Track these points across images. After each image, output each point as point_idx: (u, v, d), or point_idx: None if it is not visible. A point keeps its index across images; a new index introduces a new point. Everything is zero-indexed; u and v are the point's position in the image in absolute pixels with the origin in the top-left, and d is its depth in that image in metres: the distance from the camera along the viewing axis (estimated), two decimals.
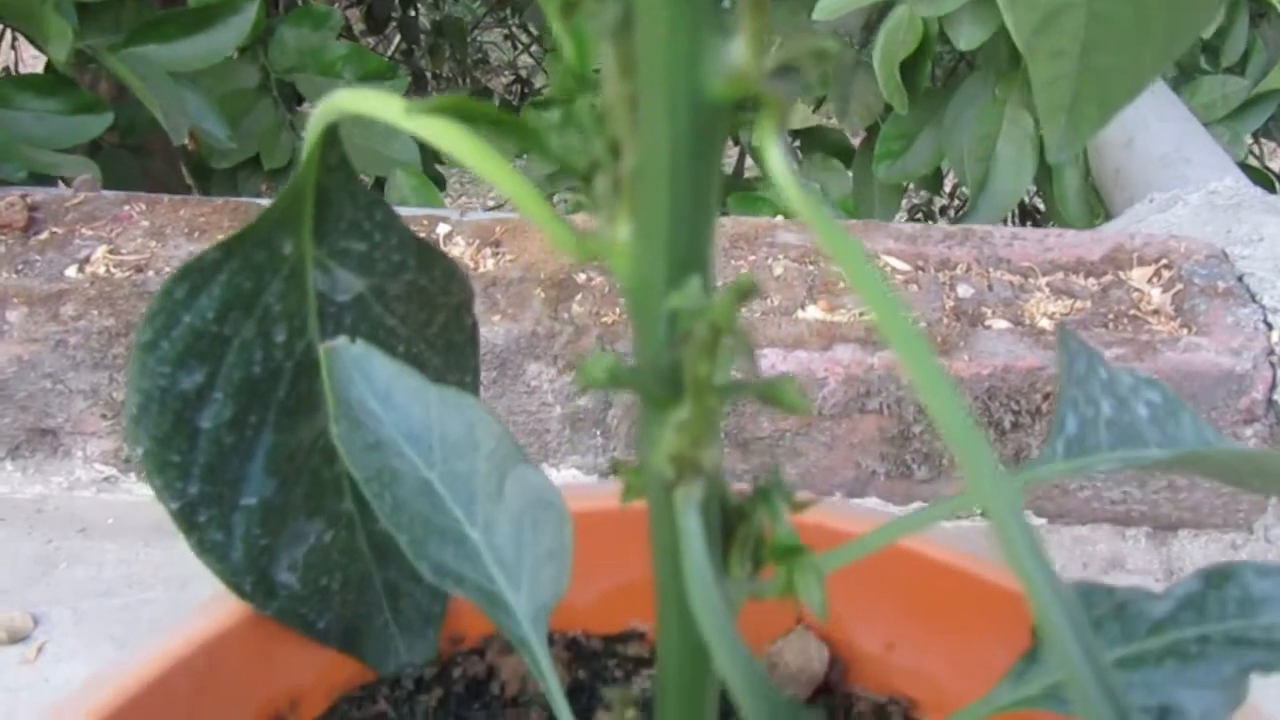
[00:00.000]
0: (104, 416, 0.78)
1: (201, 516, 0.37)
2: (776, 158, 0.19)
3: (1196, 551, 0.82)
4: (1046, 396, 0.77)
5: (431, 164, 1.81)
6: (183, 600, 0.72)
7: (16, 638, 0.69)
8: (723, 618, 0.18)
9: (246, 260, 0.33)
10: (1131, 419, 0.34)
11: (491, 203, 2.46)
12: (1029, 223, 1.73)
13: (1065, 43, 0.30)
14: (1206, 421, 0.36)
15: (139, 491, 0.80)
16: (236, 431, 0.36)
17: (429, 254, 0.36)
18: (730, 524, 0.25)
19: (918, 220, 1.68)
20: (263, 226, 0.33)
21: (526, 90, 2.09)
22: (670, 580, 0.24)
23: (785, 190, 0.19)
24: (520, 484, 0.34)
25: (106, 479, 0.80)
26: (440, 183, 1.85)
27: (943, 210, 1.77)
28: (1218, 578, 0.29)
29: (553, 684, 0.31)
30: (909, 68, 1.12)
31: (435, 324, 0.38)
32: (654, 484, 0.23)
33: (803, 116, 1.38)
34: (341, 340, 0.34)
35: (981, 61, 1.19)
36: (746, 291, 0.20)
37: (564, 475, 0.80)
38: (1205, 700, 0.27)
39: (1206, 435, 0.35)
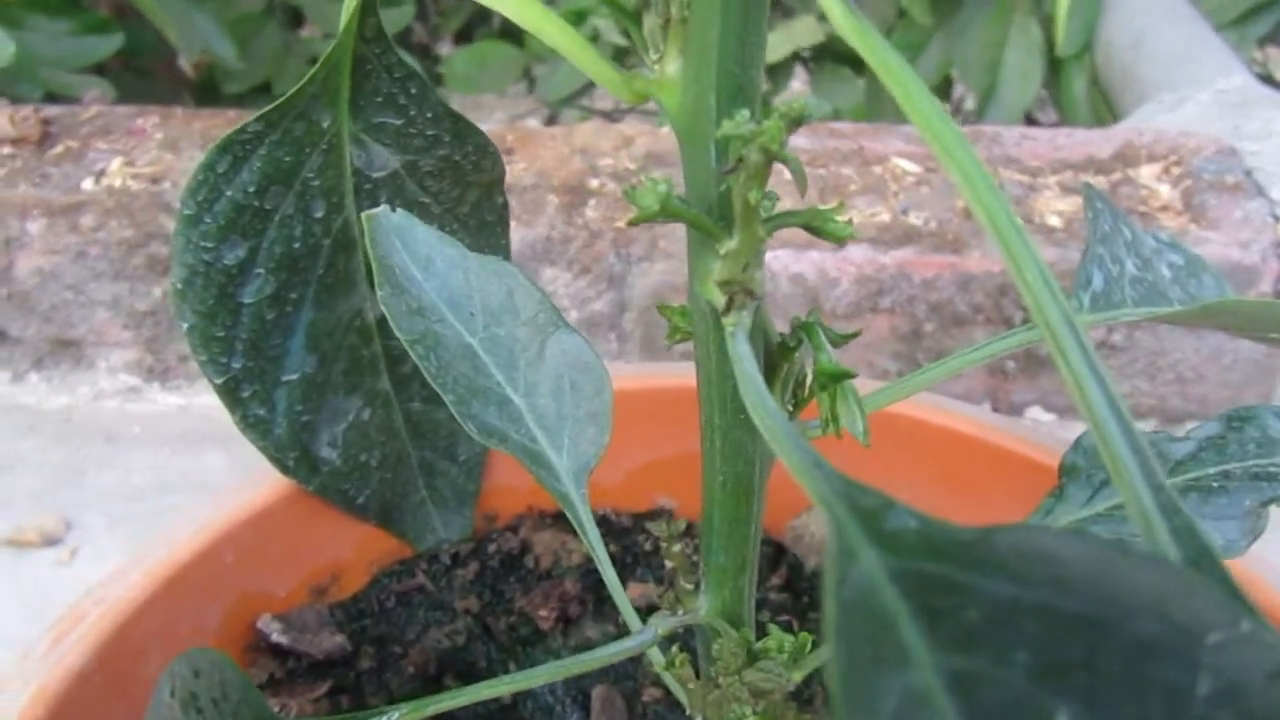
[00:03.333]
0: (125, 327, 0.79)
1: (245, 391, 0.38)
2: None
3: None
4: None
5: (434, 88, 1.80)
6: None
7: (50, 540, 0.71)
8: (779, 416, 0.19)
9: (286, 133, 0.34)
10: (1155, 278, 0.34)
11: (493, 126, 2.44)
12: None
13: None
14: (1226, 283, 0.37)
15: (164, 401, 0.81)
16: (278, 307, 0.37)
17: (463, 128, 0.36)
18: (773, 362, 0.26)
19: None
20: (301, 99, 0.33)
21: None
22: (716, 413, 0.25)
23: (832, 14, 0.20)
24: (560, 348, 0.34)
25: (131, 389, 0.81)
26: None
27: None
28: (1237, 420, 0.30)
29: (592, 535, 0.32)
30: None
31: (467, 202, 0.39)
32: (702, 316, 0.24)
33: (814, 29, 1.37)
34: (383, 208, 0.34)
35: None
36: (798, 117, 0.21)
37: None
38: (1226, 530, 0.28)
39: (1227, 294, 0.36)
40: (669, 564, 0.28)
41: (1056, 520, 0.29)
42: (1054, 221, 0.81)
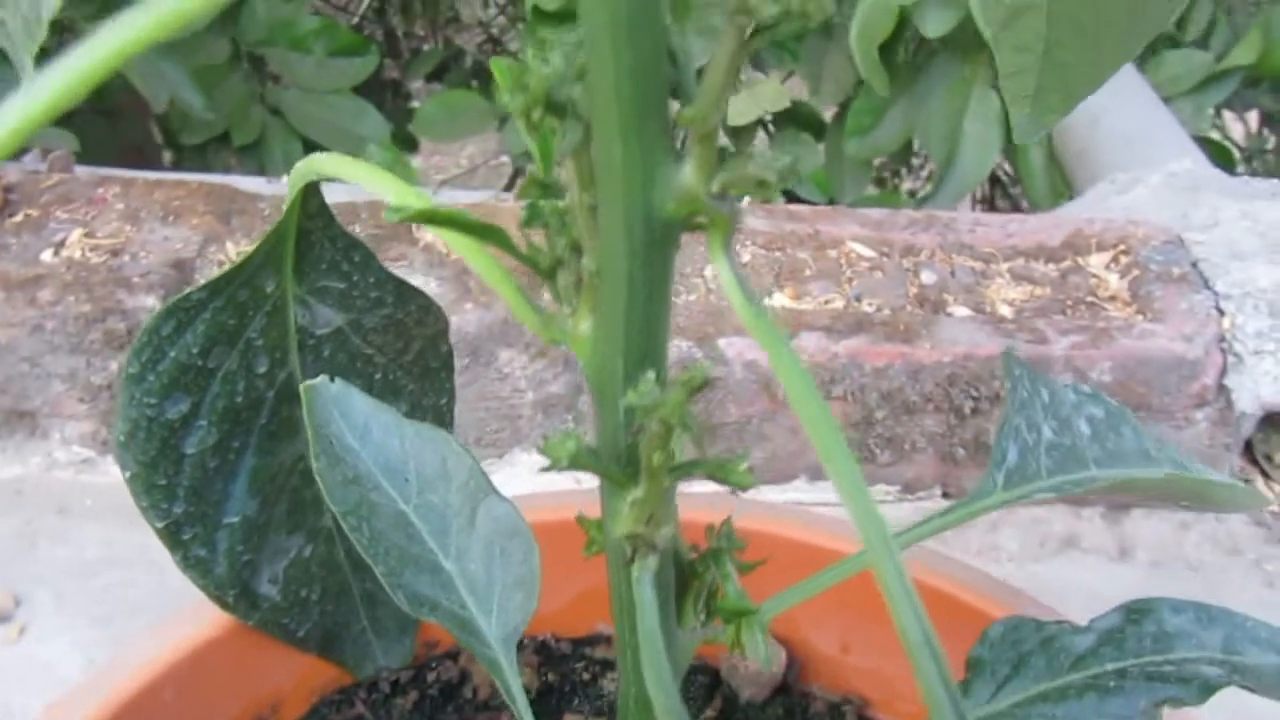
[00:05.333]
0: (81, 400, 0.80)
1: (186, 534, 0.39)
2: (726, 270, 0.21)
3: (1149, 530, 0.85)
4: None
5: (403, 125, 1.81)
6: (164, 584, 0.74)
7: None
8: (669, 686, 0.20)
9: (231, 299, 0.35)
10: (1073, 440, 0.36)
11: (465, 162, 2.46)
12: (997, 189, 1.75)
13: (1029, 39, 0.31)
14: (1146, 432, 0.38)
15: (116, 474, 0.81)
16: (220, 455, 0.38)
17: (405, 291, 0.37)
18: (685, 578, 0.27)
19: (883, 178, 1.70)
20: (247, 269, 0.34)
21: (498, 49, 2.08)
22: (628, 632, 0.26)
23: (733, 301, 0.21)
24: (491, 514, 0.35)
25: (84, 461, 0.81)
26: (413, 144, 1.85)
27: (910, 170, 1.79)
28: (1136, 613, 0.31)
29: (521, 704, 0.33)
30: (884, 49, 1.14)
31: (411, 352, 0.40)
32: (614, 547, 0.25)
33: (781, 95, 1.39)
34: (321, 379, 0.35)
35: (950, 40, 1.20)
36: (698, 386, 0.22)
37: (536, 460, 0.81)
38: None
39: (1147, 446, 0.37)
40: None
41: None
42: (1005, 311, 0.82)
